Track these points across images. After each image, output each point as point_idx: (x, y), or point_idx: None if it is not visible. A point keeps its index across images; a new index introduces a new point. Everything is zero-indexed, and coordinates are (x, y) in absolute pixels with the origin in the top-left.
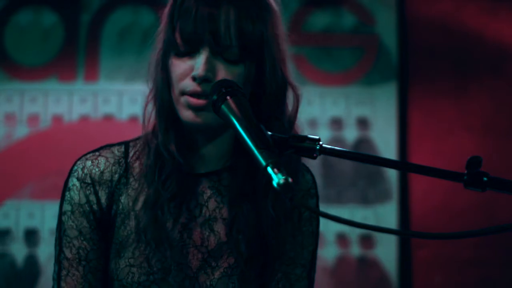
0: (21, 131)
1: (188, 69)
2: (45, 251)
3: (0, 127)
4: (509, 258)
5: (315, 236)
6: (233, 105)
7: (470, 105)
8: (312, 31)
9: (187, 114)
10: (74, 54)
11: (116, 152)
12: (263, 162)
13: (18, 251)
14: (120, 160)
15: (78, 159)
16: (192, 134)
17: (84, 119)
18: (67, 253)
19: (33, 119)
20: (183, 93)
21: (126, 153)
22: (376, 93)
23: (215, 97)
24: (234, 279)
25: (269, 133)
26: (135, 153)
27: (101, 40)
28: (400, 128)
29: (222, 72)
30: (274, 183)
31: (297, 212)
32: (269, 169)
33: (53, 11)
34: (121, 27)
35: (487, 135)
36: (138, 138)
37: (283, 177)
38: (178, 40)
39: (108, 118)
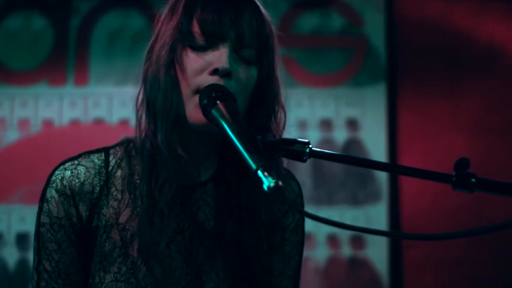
0: (12, 135)
1: (205, 64)
2: None
3: None
4: (498, 258)
5: (301, 245)
6: (223, 109)
7: (460, 105)
8: (301, 33)
9: (201, 115)
10: (64, 58)
11: (96, 160)
12: (254, 166)
13: (10, 255)
14: (101, 170)
15: (56, 168)
16: (187, 141)
17: (74, 123)
18: (47, 265)
19: (24, 123)
20: (197, 90)
21: (106, 162)
22: (365, 94)
23: (205, 101)
24: None
25: (259, 136)
26: (116, 161)
27: (91, 44)
28: (390, 129)
29: (241, 71)
30: (265, 186)
31: (284, 223)
32: (259, 173)
33: (43, 15)
34: (111, 30)
35: (478, 135)
36: (118, 145)
37: (273, 180)
38: (197, 32)
39: (98, 121)
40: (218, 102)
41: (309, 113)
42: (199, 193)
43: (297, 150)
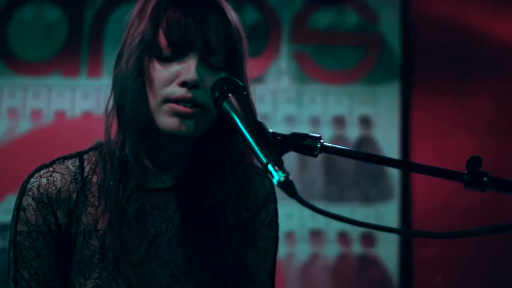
0: (24, 126)
1: (173, 75)
2: None
3: (3, 121)
4: (511, 257)
5: (275, 241)
6: (234, 102)
7: (472, 105)
8: (315, 29)
9: (171, 122)
10: (77, 50)
11: (70, 167)
12: (264, 160)
13: None
14: (77, 176)
15: (31, 176)
16: (159, 147)
17: (87, 114)
18: (25, 273)
19: (36, 114)
20: (166, 100)
21: (81, 168)
22: (379, 91)
23: (217, 94)
24: None
25: (270, 130)
26: (91, 167)
27: (105, 36)
28: (403, 127)
29: (209, 78)
30: (275, 180)
31: (258, 219)
32: (270, 167)
33: (57, 6)
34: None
35: (489, 135)
36: (91, 149)
37: (284, 174)
38: (163, 43)
39: None
40: (229, 95)
41: (322, 110)
42: (174, 196)
43: (309, 145)
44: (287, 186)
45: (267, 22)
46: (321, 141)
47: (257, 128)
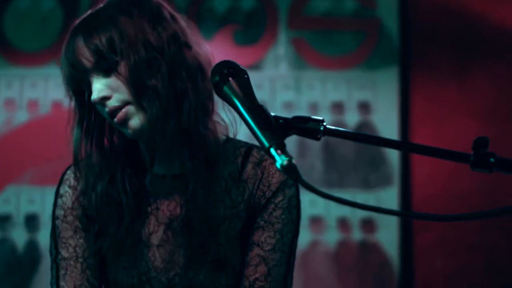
0: (21, 116)
1: None
2: (46, 237)
3: (0, 113)
4: None
5: (295, 223)
6: (235, 86)
7: (472, 89)
8: (313, 15)
9: (125, 131)
10: None
11: None
12: (266, 144)
13: (19, 236)
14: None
15: (68, 169)
16: (146, 147)
17: None
18: (64, 253)
19: (33, 104)
20: (109, 119)
21: None
22: (377, 77)
23: (217, 78)
24: (222, 273)
25: (272, 114)
26: None
27: None
28: (402, 112)
29: (109, 83)
30: (278, 164)
31: (273, 202)
32: (272, 151)
33: None
34: None
35: (490, 120)
36: None
37: (287, 158)
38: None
39: None
40: (230, 78)
41: (321, 96)
42: (184, 182)
43: (311, 128)
44: (291, 170)
45: (264, 9)
46: (324, 123)
47: (259, 112)
